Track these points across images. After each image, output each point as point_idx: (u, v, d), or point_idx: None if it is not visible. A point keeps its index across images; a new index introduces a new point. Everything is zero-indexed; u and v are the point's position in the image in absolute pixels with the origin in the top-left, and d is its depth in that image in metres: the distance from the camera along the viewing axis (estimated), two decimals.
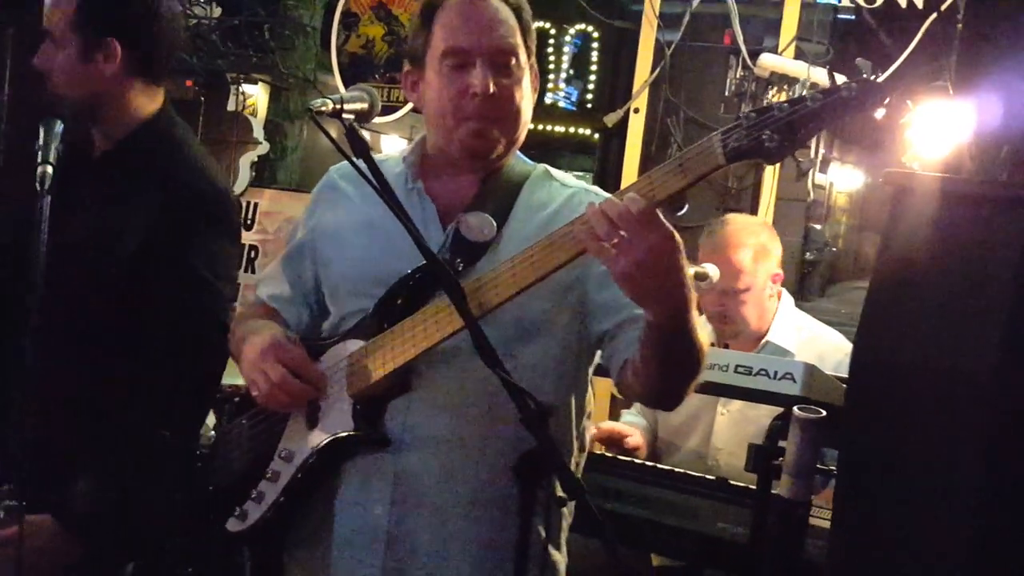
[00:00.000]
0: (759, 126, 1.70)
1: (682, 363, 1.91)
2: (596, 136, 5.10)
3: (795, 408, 2.23)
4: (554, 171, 2.19)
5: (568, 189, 2.14)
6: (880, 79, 1.76)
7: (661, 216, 1.71)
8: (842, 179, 4.60)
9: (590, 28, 5.18)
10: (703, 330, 1.93)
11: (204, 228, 2.49)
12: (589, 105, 5.16)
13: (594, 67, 5.26)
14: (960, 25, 2.49)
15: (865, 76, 1.72)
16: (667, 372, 1.92)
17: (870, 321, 1.86)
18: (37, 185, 2.16)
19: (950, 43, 3.62)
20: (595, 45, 5.23)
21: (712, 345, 2.21)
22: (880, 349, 1.83)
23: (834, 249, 4.75)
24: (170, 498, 2.61)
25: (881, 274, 1.91)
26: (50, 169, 2.17)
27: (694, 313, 1.85)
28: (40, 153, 2.20)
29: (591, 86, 5.20)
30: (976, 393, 1.73)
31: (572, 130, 5.24)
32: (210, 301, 2.48)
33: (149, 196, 2.43)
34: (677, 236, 1.73)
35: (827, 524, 2.24)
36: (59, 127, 2.24)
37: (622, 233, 1.69)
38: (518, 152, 2.17)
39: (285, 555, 2.25)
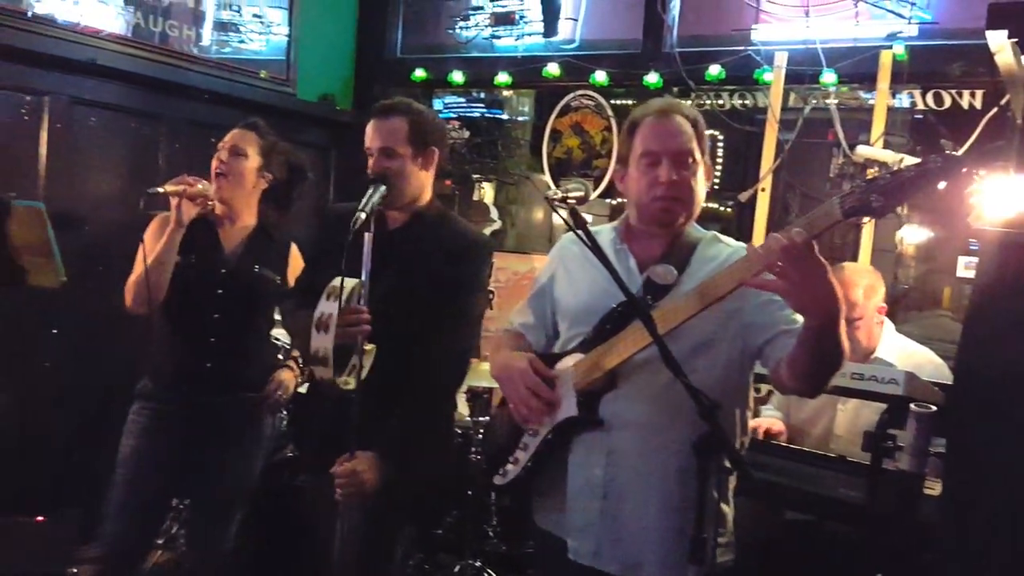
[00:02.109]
0: (868, 191, 1.68)
1: (830, 357, 1.85)
2: (722, 208, 5.02)
3: (912, 405, 2.18)
4: (721, 236, 2.19)
5: (730, 248, 2.14)
6: (954, 154, 1.70)
7: (814, 247, 1.69)
8: (911, 235, 4.53)
9: (717, 133, 5.09)
10: (846, 336, 1.85)
11: (483, 262, 2.68)
12: (717, 187, 5.05)
13: (720, 161, 5.19)
14: (1019, 120, 2.36)
15: (947, 152, 1.68)
16: (818, 364, 1.87)
17: (967, 341, 1.80)
18: (352, 224, 2.30)
19: (1005, 133, 3.48)
20: (721, 145, 5.13)
21: None
22: (976, 361, 1.77)
23: (905, 287, 4.64)
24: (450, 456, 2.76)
25: (975, 304, 1.86)
26: (363, 215, 2.32)
27: (843, 320, 1.78)
28: (361, 203, 2.36)
29: (718, 174, 5.10)
30: None
31: (707, 205, 5.22)
32: (484, 304, 2.72)
33: (444, 248, 2.58)
34: (825, 262, 1.70)
35: (934, 493, 2.20)
36: (383, 189, 2.37)
37: (784, 263, 1.68)
38: (694, 223, 2.18)
39: (533, 501, 2.27)
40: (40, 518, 3.42)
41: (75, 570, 3.06)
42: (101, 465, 3.05)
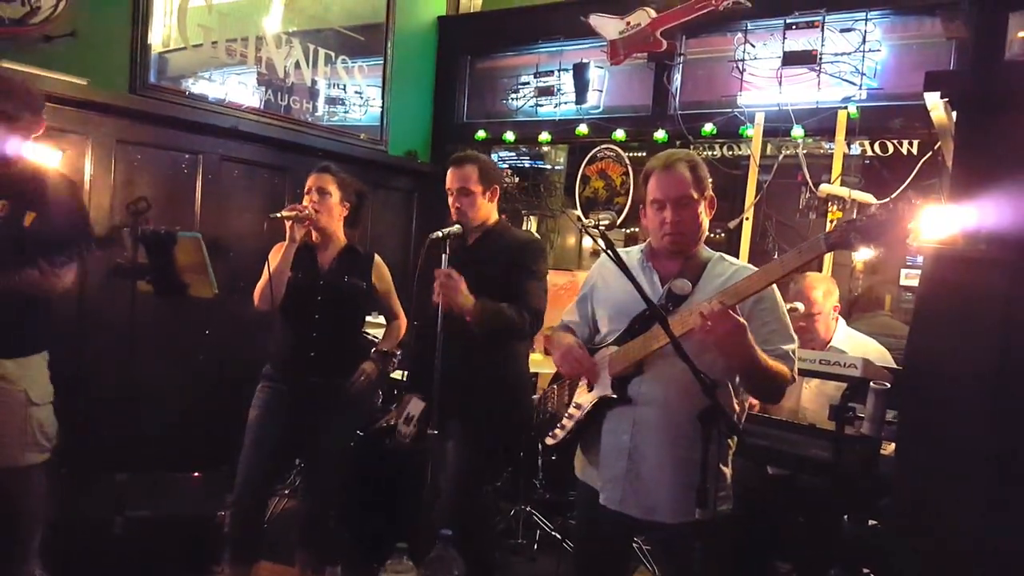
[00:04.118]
0: (847, 230, 1.65)
1: (762, 383, 1.92)
2: (713, 235, 4.95)
3: (872, 382, 2.14)
4: (726, 256, 2.13)
5: (734, 266, 2.09)
6: (914, 202, 1.68)
7: (732, 313, 1.74)
8: (859, 254, 4.55)
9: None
10: (783, 360, 1.90)
11: (539, 257, 2.72)
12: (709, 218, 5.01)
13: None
14: (948, 163, 2.33)
15: (912, 201, 1.66)
16: (756, 390, 1.98)
17: (915, 333, 1.78)
18: (430, 236, 2.44)
19: (936, 173, 3.43)
20: (711, 185, 5.09)
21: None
22: (922, 348, 1.74)
23: (855, 294, 4.61)
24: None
25: (920, 303, 1.83)
26: (440, 234, 2.48)
27: (760, 359, 1.82)
28: (443, 230, 2.49)
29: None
30: (981, 377, 1.62)
31: None
32: (544, 289, 2.70)
33: (508, 248, 2.66)
34: (743, 323, 1.74)
35: (888, 453, 2.16)
36: (456, 228, 2.44)
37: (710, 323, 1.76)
38: (704, 245, 2.13)
39: (576, 458, 2.24)
40: (196, 474, 3.46)
41: (222, 512, 3.10)
42: (241, 432, 3.08)
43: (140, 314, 2.99)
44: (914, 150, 4.02)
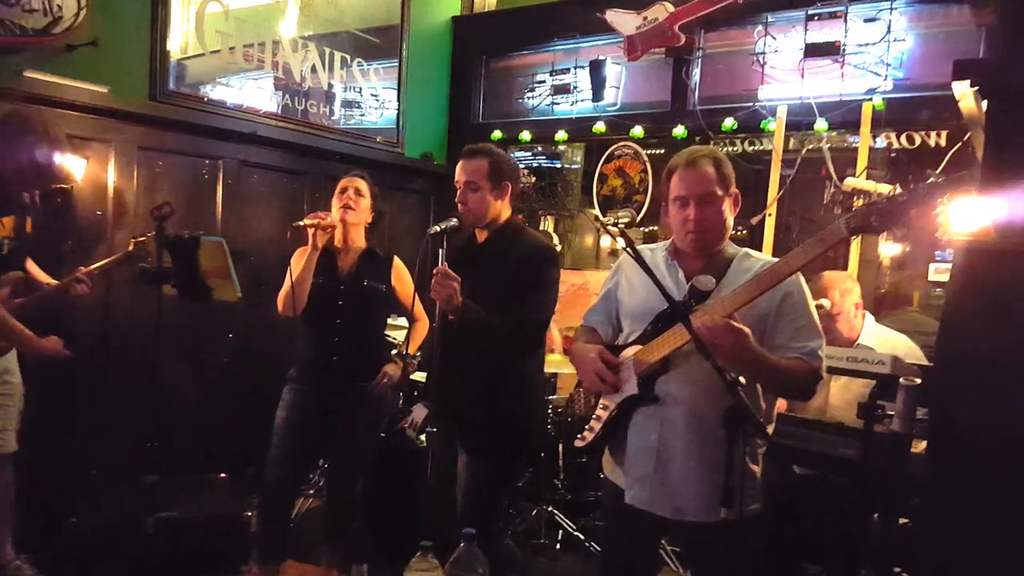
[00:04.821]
0: (868, 213, 1.63)
1: (777, 383, 1.96)
2: (735, 232, 4.91)
3: (901, 379, 2.10)
4: (751, 251, 2.11)
5: (760, 261, 2.06)
6: (936, 182, 1.65)
7: (734, 323, 1.77)
8: (887, 249, 4.46)
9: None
10: (810, 357, 1.92)
11: (546, 265, 2.58)
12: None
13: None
14: (978, 154, 2.29)
15: (930, 181, 1.63)
16: (774, 391, 2.02)
17: (946, 328, 1.73)
18: (428, 230, 2.42)
19: (966, 164, 3.38)
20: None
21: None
22: (952, 345, 1.70)
23: (882, 290, 4.55)
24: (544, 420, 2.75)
25: (951, 297, 1.79)
26: (437, 228, 2.43)
27: (766, 362, 1.85)
28: (440, 223, 2.45)
29: None
30: (1015, 373, 1.57)
31: None
32: (554, 298, 2.59)
33: (514, 254, 2.54)
34: (745, 331, 1.79)
35: (918, 451, 2.13)
36: (453, 222, 2.42)
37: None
38: (729, 242, 2.11)
39: (604, 456, 2.23)
40: (223, 475, 3.50)
41: (248, 513, 3.13)
42: (267, 433, 3.13)
43: (165, 318, 3.04)
44: (942, 141, 3.96)
